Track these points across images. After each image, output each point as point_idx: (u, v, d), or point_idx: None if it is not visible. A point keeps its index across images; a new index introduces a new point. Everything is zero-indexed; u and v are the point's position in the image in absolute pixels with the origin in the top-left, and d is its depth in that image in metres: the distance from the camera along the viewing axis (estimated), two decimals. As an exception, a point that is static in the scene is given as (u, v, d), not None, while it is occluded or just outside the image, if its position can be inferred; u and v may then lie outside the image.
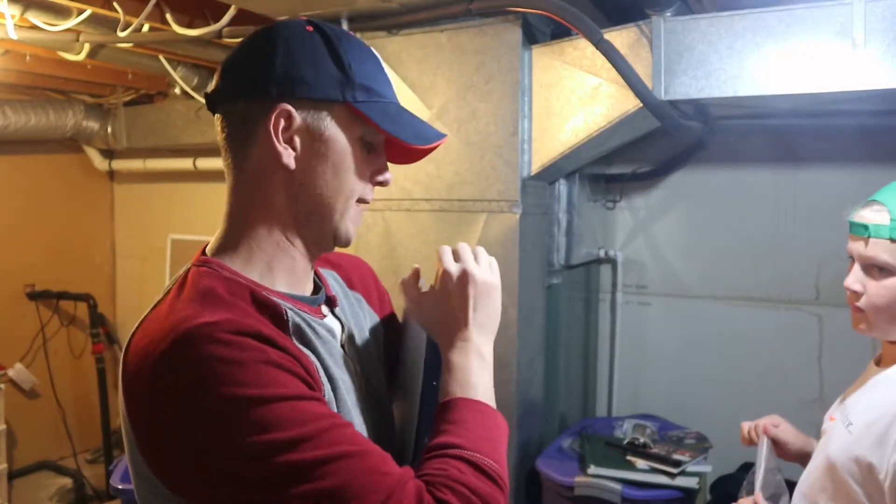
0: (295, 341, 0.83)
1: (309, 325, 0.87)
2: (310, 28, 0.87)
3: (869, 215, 1.26)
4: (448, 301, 0.91)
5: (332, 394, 0.85)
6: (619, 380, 2.91)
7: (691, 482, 2.08)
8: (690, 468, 2.13)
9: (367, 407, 0.93)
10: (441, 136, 0.94)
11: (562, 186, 2.46)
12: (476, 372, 0.87)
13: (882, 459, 1.15)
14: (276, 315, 0.84)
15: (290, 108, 0.84)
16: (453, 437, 0.79)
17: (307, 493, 0.70)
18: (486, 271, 0.94)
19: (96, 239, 4.15)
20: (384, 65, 0.94)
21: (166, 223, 3.92)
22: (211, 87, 0.89)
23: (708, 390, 2.77)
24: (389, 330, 1.09)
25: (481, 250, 0.97)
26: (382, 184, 0.93)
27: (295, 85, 0.84)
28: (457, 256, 0.95)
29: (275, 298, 0.85)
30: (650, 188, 2.86)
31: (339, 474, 0.71)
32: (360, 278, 1.10)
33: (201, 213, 3.82)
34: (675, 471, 2.11)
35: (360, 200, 0.91)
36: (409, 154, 0.93)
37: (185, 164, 3.59)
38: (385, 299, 1.14)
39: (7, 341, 3.66)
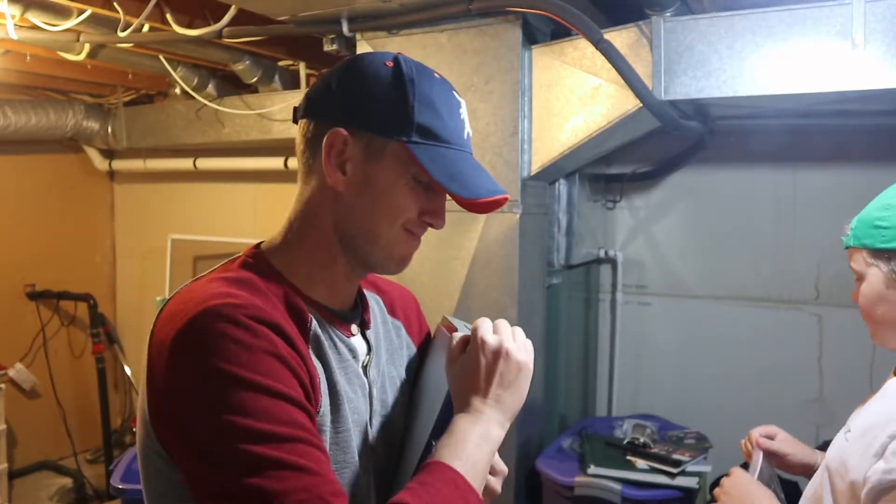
0: (310, 349, 0.86)
1: (330, 339, 0.91)
2: (389, 63, 0.89)
3: (846, 230, 1.31)
4: (476, 369, 0.89)
5: (329, 408, 0.87)
6: (619, 380, 2.91)
7: (691, 482, 2.08)
8: (690, 468, 2.13)
9: (375, 432, 0.95)
10: (497, 192, 0.92)
11: (562, 186, 2.46)
12: (473, 445, 0.84)
13: (862, 468, 1.11)
14: (300, 320, 0.87)
15: (345, 133, 0.87)
16: (411, 497, 0.77)
17: (252, 486, 0.72)
18: (522, 352, 0.92)
19: (96, 239, 4.15)
20: (463, 110, 0.94)
21: (166, 223, 3.92)
22: (300, 102, 0.95)
23: (708, 390, 2.77)
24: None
25: (519, 330, 0.95)
26: (431, 225, 0.94)
27: (356, 113, 0.88)
28: (496, 329, 0.93)
29: (306, 305, 0.89)
30: (650, 188, 2.86)
31: (287, 482, 0.72)
32: (403, 307, 1.12)
33: (201, 213, 3.82)
34: (675, 471, 2.11)
35: (409, 230, 0.92)
36: (468, 206, 0.92)
37: (185, 164, 3.59)
38: (424, 332, 1.15)
39: (7, 341, 3.66)
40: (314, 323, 0.89)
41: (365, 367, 0.96)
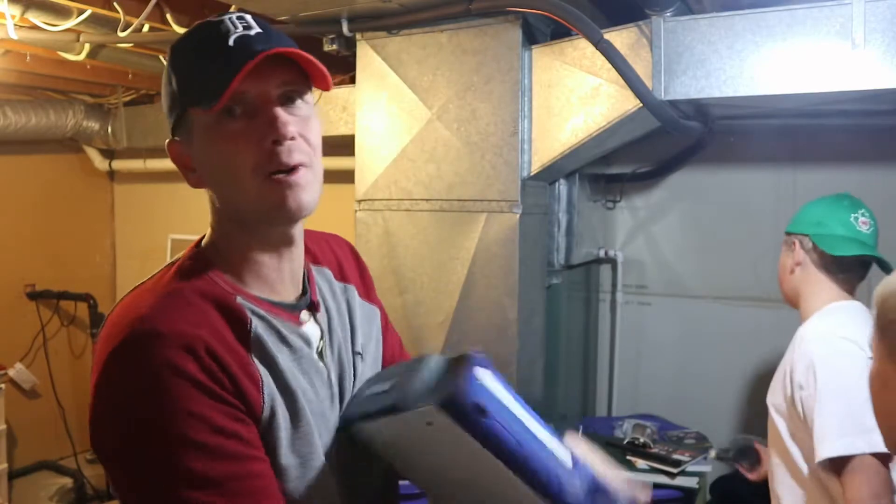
0: (252, 355, 0.84)
1: (278, 334, 0.88)
2: (166, 58, 0.92)
3: None
4: None
5: (284, 406, 0.85)
6: (619, 380, 2.91)
7: (691, 482, 2.09)
8: (690, 468, 2.13)
9: (338, 415, 0.94)
10: (253, 53, 0.82)
11: (562, 186, 2.46)
12: None
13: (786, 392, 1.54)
14: (240, 323, 0.85)
15: (171, 143, 0.91)
16: None
17: None
18: None
19: (96, 239, 4.15)
20: (224, 21, 0.87)
21: (166, 223, 3.92)
22: None
23: (708, 390, 2.77)
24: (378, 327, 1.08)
25: None
26: (277, 143, 0.84)
27: (168, 116, 0.91)
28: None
29: (245, 305, 0.86)
30: (650, 188, 2.86)
31: None
32: (347, 265, 1.08)
33: (201, 213, 3.76)
34: (674, 471, 2.11)
35: (269, 173, 0.85)
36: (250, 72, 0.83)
37: (185, 164, 3.59)
38: (366, 278, 1.11)
39: (7, 341, 3.65)
40: (254, 324, 0.86)
41: (320, 353, 0.94)
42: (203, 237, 0.95)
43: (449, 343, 2.16)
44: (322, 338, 0.95)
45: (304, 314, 0.94)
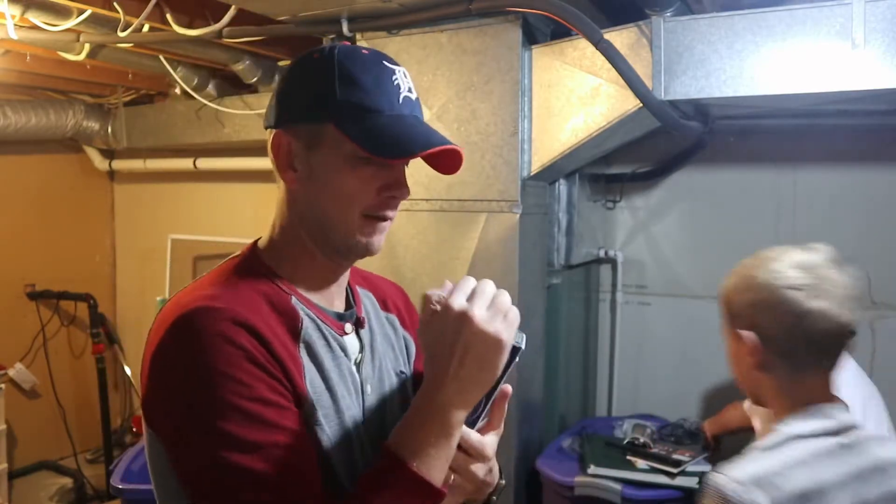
0: (301, 349, 0.89)
1: (324, 338, 0.93)
2: (316, 55, 0.91)
3: None
4: (439, 339, 0.82)
5: (325, 400, 0.89)
6: (619, 380, 2.91)
7: (691, 482, 2.08)
8: (690, 468, 2.13)
9: (368, 428, 0.95)
10: (433, 143, 0.88)
11: (562, 186, 2.46)
12: (432, 439, 0.81)
13: None
14: (292, 321, 0.90)
15: (283, 134, 0.91)
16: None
17: (225, 491, 0.78)
18: (494, 321, 0.82)
19: (96, 239, 4.15)
20: (398, 76, 0.92)
21: (166, 223, 3.92)
22: None
23: (708, 390, 2.77)
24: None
25: (502, 296, 0.85)
26: (393, 198, 0.92)
27: (289, 110, 0.91)
28: (470, 293, 0.84)
29: (299, 306, 0.92)
30: (650, 188, 2.86)
31: (252, 487, 0.78)
32: (394, 301, 1.13)
33: (201, 213, 3.82)
34: (675, 471, 2.11)
35: (370, 215, 0.91)
36: (431, 161, 0.92)
37: (185, 164, 3.59)
38: (416, 325, 1.14)
39: (7, 341, 3.66)
40: (305, 323, 0.91)
41: (358, 365, 0.97)
42: (258, 239, 0.99)
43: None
44: (361, 351, 0.99)
45: (349, 326, 0.99)
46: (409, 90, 0.92)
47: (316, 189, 0.91)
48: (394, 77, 0.91)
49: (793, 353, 1.12)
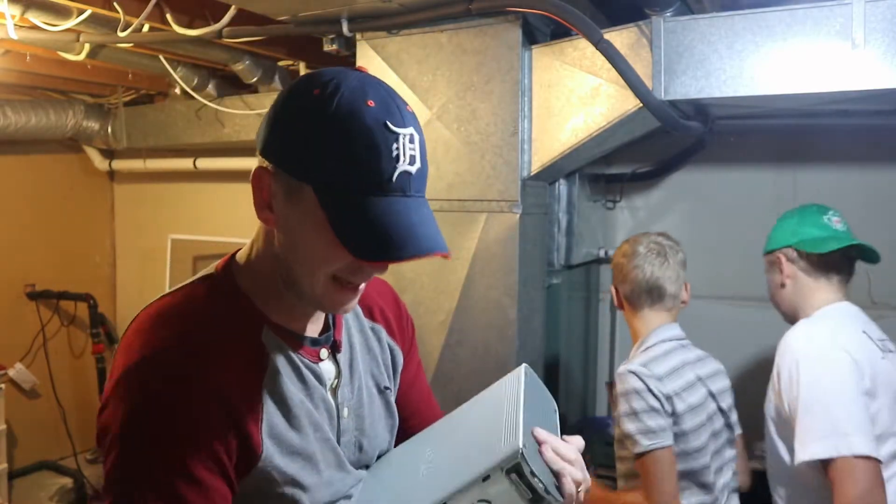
0: (264, 389, 0.87)
1: (294, 367, 0.91)
2: (317, 91, 0.81)
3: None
4: None
5: (296, 439, 0.89)
6: (619, 380, 2.91)
7: (691, 482, 2.08)
8: (690, 468, 2.13)
9: (345, 449, 0.97)
10: (419, 251, 0.80)
11: (562, 186, 2.46)
12: None
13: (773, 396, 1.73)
14: (259, 357, 0.88)
15: (264, 173, 0.84)
16: None
17: None
18: None
19: (96, 239, 4.15)
20: (403, 142, 0.82)
21: (166, 223, 3.92)
22: None
23: (708, 390, 2.77)
24: (407, 370, 1.11)
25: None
26: (368, 273, 0.87)
27: (273, 149, 0.84)
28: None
29: (270, 338, 0.90)
30: (650, 188, 2.86)
31: None
32: (381, 308, 1.09)
33: (201, 213, 3.82)
34: (675, 471, 2.11)
35: (340, 279, 0.86)
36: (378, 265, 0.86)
37: (185, 164, 3.59)
38: (407, 327, 1.13)
39: (7, 341, 3.66)
40: (273, 359, 0.89)
41: (334, 389, 0.96)
42: (238, 251, 0.96)
43: (448, 343, 2.16)
44: (339, 376, 0.97)
45: (324, 352, 0.96)
46: (412, 160, 0.81)
47: (288, 241, 0.85)
48: (395, 146, 0.80)
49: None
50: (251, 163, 0.87)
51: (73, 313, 3.95)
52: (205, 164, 3.55)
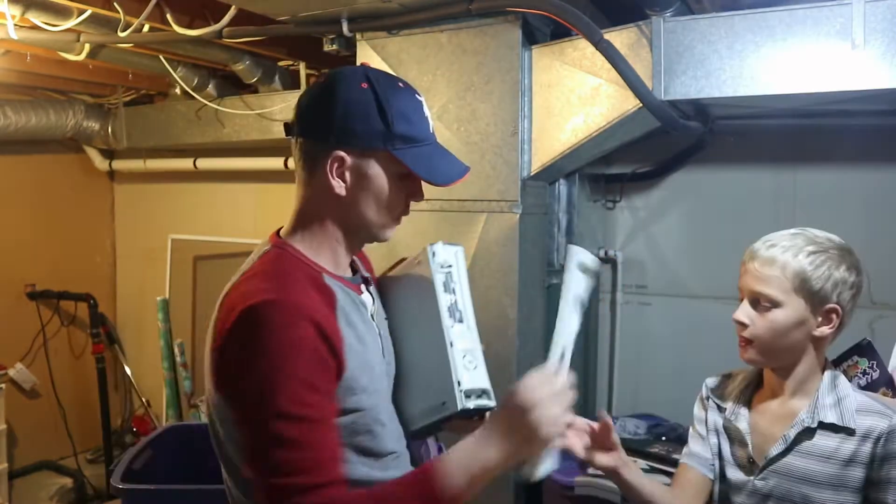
0: (339, 319, 1.08)
1: (353, 302, 1.15)
2: (364, 85, 1.09)
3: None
4: (511, 418, 1.07)
5: (360, 358, 1.08)
6: (619, 379, 2.91)
7: (691, 482, 2.08)
8: (690, 468, 2.13)
9: (387, 359, 1.20)
10: (464, 171, 1.19)
11: (562, 186, 2.46)
12: (472, 468, 1.01)
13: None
14: (328, 297, 1.09)
15: (343, 154, 1.09)
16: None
17: (273, 455, 0.98)
18: (553, 424, 1.13)
19: (96, 239, 4.15)
20: (425, 107, 1.15)
21: (166, 223, 3.92)
22: (291, 119, 1.15)
23: (708, 390, 2.77)
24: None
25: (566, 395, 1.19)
26: (417, 201, 1.19)
27: (348, 136, 1.09)
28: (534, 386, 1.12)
29: (331, 282, 1.12)
30: (650, 188, 2.86)
31: (293, 449, 0.97)
32: (366, 264, 1.37)
33: (201, 213, 3.82)
34: (674, 470, 2.11)
35: (398, 217, 1.18)
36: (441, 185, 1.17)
37: (185, 164, 3.59)
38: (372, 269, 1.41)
39: (7, 341, 3.66)
40: (339, 295, 1.11)
41: (372, 316, 1.20)
42: (280, 229, 1.18)
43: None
44: (373, 304, 1.23)
45: (363, 287, 1.22)
46: (430, 118, 1.16)
47: (363, 198, 1.12)
48: (423, 108, 1.14)
49: None
50: (251, 163, 0.90)
51: (73, 313, 3.95)
52: (205, 164, 3.55)
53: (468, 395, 1.16)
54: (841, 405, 1.24)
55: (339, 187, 1.11)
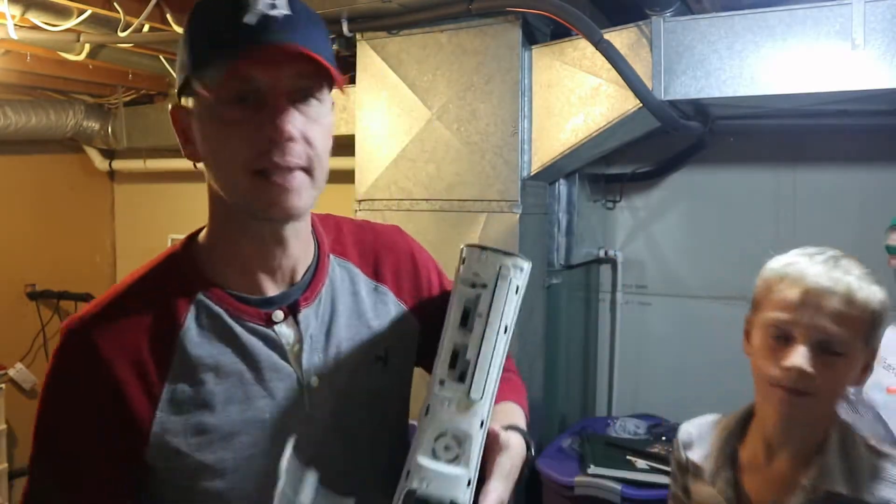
0: (173, 361, 0.83)
1: (228, 337, 0.84)
2: (185, 26, 0.83)
3: None
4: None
5: (191, 417, 0.82)
6: (619, 380, 2.91)
7: (691, 482, 2.08)
8: (690, 468, 2.13)
9: (317, 424, 0.87)
10: (265, 40, 0.75)
11: (562, 186, 2.46)
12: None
13: None
14: (172, 327, 0.84)
15: (175, 108, 0.85)
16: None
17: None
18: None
19: (96, 239, 4.15)
20: None
21: (166, 223, 3.92)
22: None
23: (708, 390, 2.76)
24: (426, 322, 0.99)
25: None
26: (274, 140, 0.77)
27: (180, 82, 0.83)
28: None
29: (204, 302, 0.85)
30: (650, 188, 2.86)
31: None
32: (393, 266, 1.00)
33: (201, 213, 3.80)
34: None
35: (257, 171, 0.78)
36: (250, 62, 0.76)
37: (185, 164, 3.47)
38: (427, 285, 1.04)
39: (7, 341, 3.65)
40: (190, 327, 0.83)
41: (298, 355, 0.87)
42: (200, 230, 0.93)
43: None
44: (300, 340, 0.87)
45: (278, 313, 0.87)
46: (272, 6, 0.76)
47: (204, 155, 0.83)
48: None
49: None
50: None
51: (74, 313, 3.95)
52: (205, 164, 3.55)
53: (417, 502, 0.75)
54: (854, 470, 0.99)
55: (190, 153, 0.86)
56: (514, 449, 0.86)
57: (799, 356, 0.98)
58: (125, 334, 0.82)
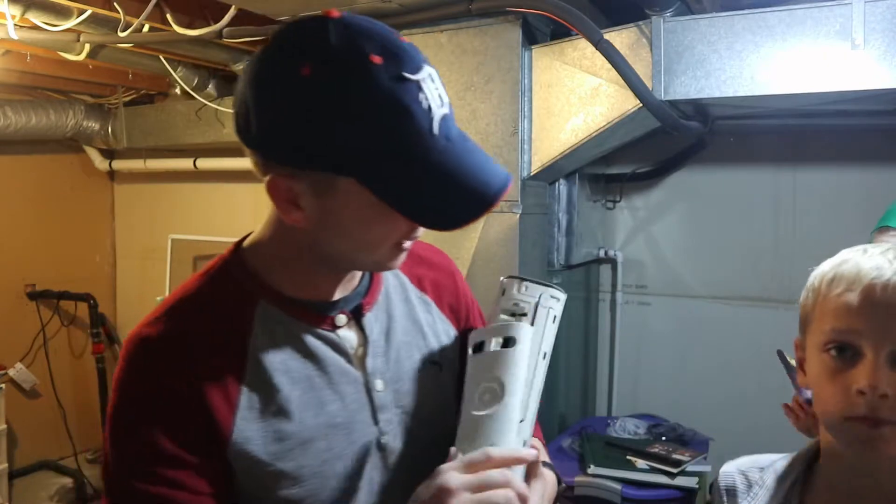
0: (246, 367, 0.80)
1: (296, 342, 0.83)
2: (306, 71, 0.69)
3: None
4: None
5: (270, 424, 0.80)
6: (619, 380, 2.91)
7: (691, 482, 2.09)
8: (690, 468, 2.13)
9: (387, 424, 0.87)
10: (491, 199, 0.75)
11: (562, 186, 2.46)
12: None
13: None
14: (243, 335, 0.81)
15: (277, 179, 0.75)
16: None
17: None
18: None
19: (96, 239, 4.15)
20: (427, 82, 0.73)
21: (166, 223, 3.92)
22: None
23: (708, 390, 2.77)
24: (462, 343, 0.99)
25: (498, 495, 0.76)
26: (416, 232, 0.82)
27: (284, 151, 0.73)
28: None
29: (266, 311, 0.83)
30: (650, 188, 2.86)
31: None
32: (434, 282, 1.01)
33: (201, 213, 3.82)
34: (674, 470, 2.11)
35: (399, 245, 0.82)
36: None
37: (185, 164, 3.59)
38: (464, 307, 1.05)
39: (7, 341, 3.65)
40: (259, 333, 0.82)
41: (362, 359, 0.87)
42: (245, 237, 0.90)
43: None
44: (365, 343, 0.88)
45: (341, 318, 0.87)
46: (440, 102, 0.75)
47: (333, 233, 0.78)
48: (420, 95, 0.71)
49: None
50: (251, 163, 0.84)
51: (73, 313, 3.95)
52: (205, 164, 3.55)
53: None
54: None
55: (295, 219, 0.77)
56: (550, 483, 0.89)
57: (873, 373, 0.74)
58: (198, 340, 0.80)
